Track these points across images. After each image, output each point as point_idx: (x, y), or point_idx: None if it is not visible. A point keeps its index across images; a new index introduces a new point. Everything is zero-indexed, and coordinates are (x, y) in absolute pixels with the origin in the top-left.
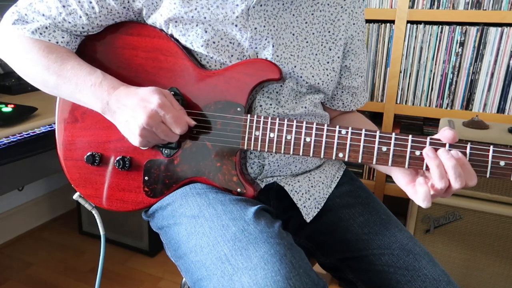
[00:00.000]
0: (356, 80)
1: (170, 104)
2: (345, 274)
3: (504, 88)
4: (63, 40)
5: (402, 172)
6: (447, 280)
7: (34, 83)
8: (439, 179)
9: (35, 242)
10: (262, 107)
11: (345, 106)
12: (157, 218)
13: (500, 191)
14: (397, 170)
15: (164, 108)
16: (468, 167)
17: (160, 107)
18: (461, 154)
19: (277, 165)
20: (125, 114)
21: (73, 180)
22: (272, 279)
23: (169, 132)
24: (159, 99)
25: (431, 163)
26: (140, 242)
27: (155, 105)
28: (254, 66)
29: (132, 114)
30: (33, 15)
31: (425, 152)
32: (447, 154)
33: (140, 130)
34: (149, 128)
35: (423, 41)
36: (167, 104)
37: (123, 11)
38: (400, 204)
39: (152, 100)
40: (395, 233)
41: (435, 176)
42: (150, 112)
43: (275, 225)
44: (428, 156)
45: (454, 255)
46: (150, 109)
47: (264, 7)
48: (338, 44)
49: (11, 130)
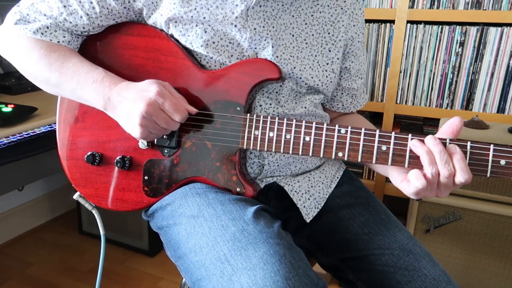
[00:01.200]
0: (356, 82)
1: (168, 92)
2: (345, 274)
3: (504, 88)
4: (64, 40)
5: (397, 170)
6: (447, 280)
7: (36, 82)
8: (428, 164)
9: (35, 242)
10: (262, 107)
11: (344, 108)
12: (157, 218)
13: (500, 191)
14: (394, 168)
15: (163, 96)
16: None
17: (158, 94)
18: (458, 148)
19: (277, 165)
20: (126, 106)
21: (73, 179)
22: (271, 279)
23: (169, 120)
24: (157, 88)
25: (419, 151)
26: (140, 242)
27: (153, 93)
28: (253, 65)
29: (132, 105)
30: (34, 15)
31: (411, 143)
32: (434, 140)
33: (140, 120)
34: (149, 116)
35: (423, 41)
36: (165, 92)
37: (124, 11)
38: (400, 204)
39: (150, 89)
40: (395, 233)
41: (425, 162)
42: (149, 100)
43: (275, 225)
44: (414, 146)
45: (454, 255)
46: (149, 97)
47: (264, 7)
48: (338, 46)
49: (11, 130)
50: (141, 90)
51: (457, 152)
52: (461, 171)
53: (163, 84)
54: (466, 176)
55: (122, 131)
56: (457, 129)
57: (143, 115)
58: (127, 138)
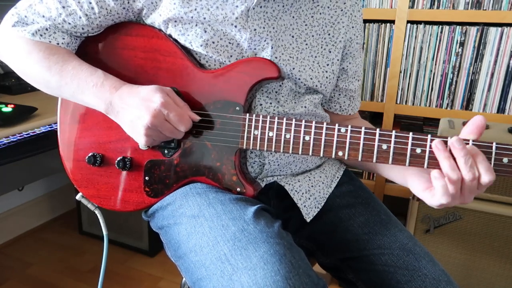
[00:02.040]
0: (354, 84)
1: (173, 102)
2: (345, 274)
3: (504, 88)
4: (64, 41)
5: (418, 179)
6: (447, 280)
7: (36, 84)
8: (451, 170)
9: (35, 242)
10: (263, 106)
11: (342, 110)
12: (157, 218)
13: (500, 191)
14: (413, 176)
15: (168, 106)
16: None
17: (163, 106)
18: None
19: (277, 165)
20: (129, 114)
21: (75, 180)
22: (271, 279)
23: (174, 129)
24: (162, 98)
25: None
26: (140, 242)
27: (158, 105)
28: (252, 65)
29: (136, 114)
30: (33, 17)
31: (434, 144)
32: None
33: (145, 130)
34: (154, 127)
35: (423, 41)
36: (170, 102)
37: (123, 12)
38: (400, 204)
39: (154, 99)
40: (395, 233)
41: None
42: (154, 111)
43: (275, 225)
44: (437, 148)
45: (454, 255)
46: (153, 108)
47: (264, 8)
48: (338, 47)
49: (11, 130)
50: (145, 99)
51: (479, 154)
52: (485, 172)
53: (166, 91)
54: (491, 176)
55: (122, 132)
56: (483, 128)
57: (148, 126)
58: (128, 138)
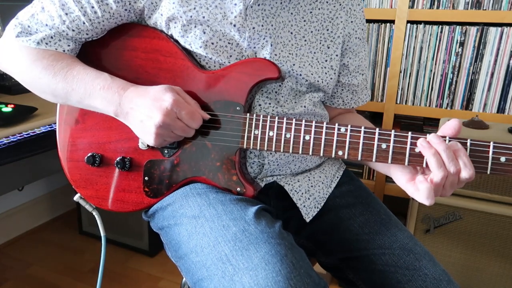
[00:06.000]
0: (356, 78)
1: (183, 100)
2: (346, 274)
3: (504, 88)
4: (69, 48)
5: (401, 171)
6: (448, 279)
7: (43, 94)
8: (437, 168)
9: (35, 242)
10: (262, 107)
11: (345, 104)
12: (157, 219)
13: (500, 191)
14: (396, 168)
15: (179, 105)
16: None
17: (175, 104)
18: (460, 144)
19: (277, 164)
20: (140, 114)
21: (74, 181)
22: (273, 280)
23: (186, 128)
24: (173, 96)
25: (427, 153)
26: (140, 242)
27: (170, 103)
28: (252, 65)
29: (147, 114)
30: (36, 26)
31: (419, 143)
32: (438, 138)
33: (156, 129)
34: (166, 126)
35: (423, 41)
36: (181, 101)
37: (125, 13)
38: (400, 204)
39: (165, 98)
40: (395, 232)
41: (433, 165)
42: (166, 110)
43: (276, 225)
44: (423, 146)
45: (454, 255)
46: (165, 107)
47: (262, 6)
48: (337, 42)
49: (11, 130)
50: (156, 98)
51: (460, 149)
52: (465, 167)
53: (176, 90)
54: (470, 172)
55: (122, 132)
56: (457, 129)
57: (160, 125)
58: (127, 139)
